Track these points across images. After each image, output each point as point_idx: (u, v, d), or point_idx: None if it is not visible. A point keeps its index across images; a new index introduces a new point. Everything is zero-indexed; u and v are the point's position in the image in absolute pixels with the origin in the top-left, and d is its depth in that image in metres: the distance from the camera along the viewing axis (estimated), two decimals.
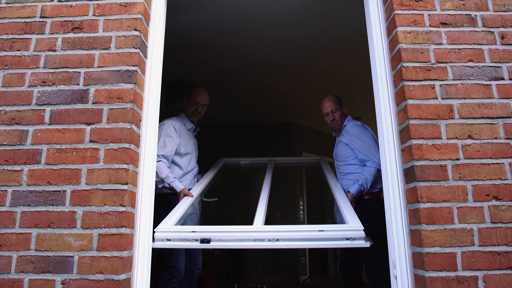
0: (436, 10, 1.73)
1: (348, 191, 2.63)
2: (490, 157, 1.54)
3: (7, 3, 1.78)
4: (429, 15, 1.72)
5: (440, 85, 1.63)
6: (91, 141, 1.57)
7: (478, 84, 1.63)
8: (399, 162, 1.67)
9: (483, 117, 1.59)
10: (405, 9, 1.72)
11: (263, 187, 2.60)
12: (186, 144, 2.72)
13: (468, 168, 1.53)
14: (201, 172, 3.00)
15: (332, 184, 2.86)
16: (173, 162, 2.62)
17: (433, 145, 1.56)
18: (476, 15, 1.72)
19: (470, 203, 1.50)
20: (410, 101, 1.61)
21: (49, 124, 1.60)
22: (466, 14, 1.72)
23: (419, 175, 1.52)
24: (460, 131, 1.58)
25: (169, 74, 3.84)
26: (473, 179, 1.52)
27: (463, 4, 1.74)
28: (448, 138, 1.57)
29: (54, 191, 1.52)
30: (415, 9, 1.72)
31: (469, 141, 1.57)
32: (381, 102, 1.78)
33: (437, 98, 1.61)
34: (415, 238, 1.52)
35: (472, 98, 1.62)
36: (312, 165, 3.92)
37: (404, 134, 1.63)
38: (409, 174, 1.59)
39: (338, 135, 2.97)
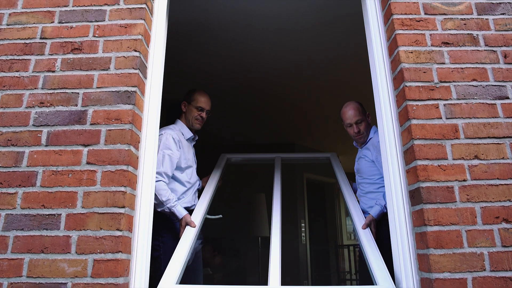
0: (437, 29, 1.72)
1: (369, 214, 2.32)
2: (498, 178, 1.50)
3: (8, 25, 1.78)
4: (430, 34, 1.71)
5: (444, 105, 1.60)
6: (88, 163, 1.53)
7: (482, 103, 1.61)
8: (404, 183, 1.62)
9: (489, 137, 1.56)
10: (406, 29, 1.72)
11: (273, 221, 2.32)
12: (187, 156, 2.46)
13: (475, 190, 1.49)
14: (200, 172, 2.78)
15: (347, 197, 2.61)
16: (172, 177, 2.37)
17: (439, 166, 1.52)
18: (477, 35, 1.71)
19: (479, 226, 1.45)
20: (414, 121, 1.58)
21: (46, 145, 1.57)
22: (468, 34, 1.71)
23: (425, 197, 1.48)
24: (466, 152, 1.54)
25: (173, 93, 3.82)
26: (482, 201, 1.48)
27: (464, 24, 1.73)
28: (454, 159, 1.53)
29: (48, 214, 1.47)
30: (416, 29, 1.72)
31: (475, 162, 1.53)
32: (384, 122, 1.75)
33: (441, 118, 1.58)
34: (423, 263, 1.45)
35: (477, 118, 1.59)
36: (322, 162, 3.49)
37: (409, 154, 1.59)
38: (415, 196, 1.54)
39: (362, 148, 2.63)
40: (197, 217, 2.27)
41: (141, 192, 1.61)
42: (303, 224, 6.01)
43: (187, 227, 2.15)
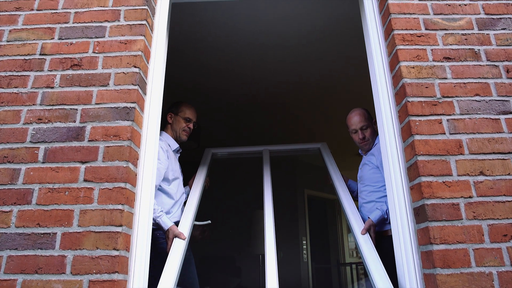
0: (438, 45, 1.71)
1: (368, 217, 2.22)
2: (504, 195, 1.46)
3: (8, 41, 1.78)
4: (432, 50, 1.70)
5: (448, 120, 1.58)
6: (85, 180, 1.50)
7: (486, 118, 1.58)
8: (408, 200, 1.59)
9: (494, 153, 1.53)
10: (407, 44, 1.71)
11: (266, 228, 2.30)
12: (174, 168, 2.41)
13: (482, 207, 1.45)
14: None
15: (340, 192, 2.49)
16: (160, 189, 2.27)
17: (444, 182, 1.49)
18: (479, 49, 1.71)
19: (487, 245, 1.40)
20: (417, 137, 1.55)
21: (43, 162, 1.54)
22: (469, 49, 1.71)
23: (430, 215, 1.44)
24: (471, 167, 1.51)
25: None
26: (488, 218, 1.44)
27: (465, 39, 1.73)
28: (459, 175, 1.50)
29: (43, 233, 1.43)
30: (417, 44, 1.71)
31: (481, 178, 1.49)
32: (387, 138, 1.73)
33: (445, 134, 1.56)
34: (430, 283, 1.40)
35: (481, 133, 1.56)
36: (312, 153, 3.36)
37: (412, 171, 1.56)
38: (419, 214, 1.50)
39: (366, 154, 2.55)
40: (185, 227, 2.14)
41: (139, 210, 1.57)
42: (304, 242, 5.92)
43: (176, 240, 2.03)
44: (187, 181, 2.71)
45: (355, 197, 2.64)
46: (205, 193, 2.66)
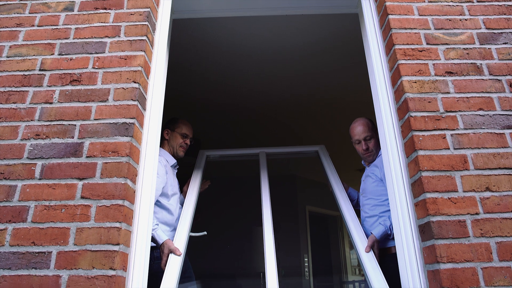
0: (440, 59, 1.70)
1: (371, 233, 2.14)
2: None
3: (7, 57, 1.77)
4: (433, 64, 1.69)
5: (451, 135, 1.55)
6: (82, 197, 1.47)
7: (491, 133, 1.56)
8: (413, 217, 1.55)
9: (500, 168, 1.50)
10: (409, 59, 1.70)
11: (265, 226, 2.19)
12: (172, 183, 2.38)
13: (489, 224, 1.41)
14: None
15: (342, 205, 2.39)
16: (159, 205, 2.21)
17: (449, 198, 1.45)
18: (481, 64, 1.69)
19: (495, 263, 1.36)
20: (421, 152, 1.52)
21: (39, 179, 1.51)
22: (471, 63, 1.69)
23: (436, 232, 1.40)
24: (477, 183, 1.47)
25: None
26: (496, 236, 1.39)
27: (467, 54, 1.72)
28: (464, 191, 1.46)
29: (38, 252, 1.39)
30: (419, 59, 1.70)
31: (487, 194, 1.46)
32: (390, 154, 1.70)
33: (449, 149, 1.53)
34: None
35: (486, 148, 1.53)
36: (310, 156, 3.22)
37: (417, 187, 1.52)
38: (425, 231, 1.46)
39: (369, 165, 2.47)
40: (181, 240, 2.06)
41: (137, 228, 1.53)
42: (306, 259, 5.82)
43: (171, 256, 1.96)
44: (181, 186, 2.66)
45: (354, 206, 2.57)
46: (200, 201, 2.58)
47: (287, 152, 3.38)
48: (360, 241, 2.11)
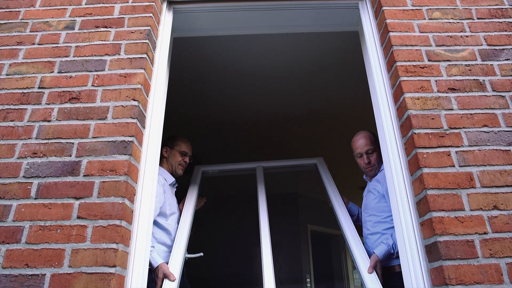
0: (442, 76, 1.69)
1: (373, 252, 2.07)
2: None
3: (7, 75, 1.76)
4: (436, 81, 1.67)
5: (456, 152, 1.52)
6: (78, 217, 1.43)
7: (496, 150, 1.53)
8: (419, 237, 1.50)
9: (507, 185, 1.46)
10: (411, 76, 1.68)
11: (263, 246, 2.13)
12: (171, 202, 2.31)
13: (498, 244, 1.36)
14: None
15: (343, 221, 2.32)
16: (157, 225, 2.15)
17: (456, 217, 1.41)
18: (484, 80, 1.68)
19: (506, 285, 1.30)
20: (425, 170, 1.49)
21: (35, 198, 1.47)
22: (474, 79, 1.68)
23: (444, 253, 1.35)
24: (484, 201, 1.43)
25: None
26: (506, 256, 1.34)
27: (469, 70, 1.70)
28: (471, 210, 1.42)
29: (32, 275, 1.34)
30: (421, 76, 1.68)
31: (495, 212, 1.42)
32: (393, 172, 1.67)
33: (454, 166, 1.50)
34: None
35: (492, 165, 1.50)
36: (308, 169, 3.13)
37: (422, 206, 1.48)
38: (432, 252, 1.41)
39: (371, 180, 2.41)
40: (176, 264, 1.98)
41: (135, 249, 1.48)
42: (308, 279, 5.69)
43: (166, 282, 1.88)
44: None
45: (355, 221, 2.52)
46: (196, 220, 2.52)
47: (285, 166, 3.30)
48: (362, 261, 2.05)
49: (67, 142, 1.58)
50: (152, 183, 1.67)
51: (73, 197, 1.47)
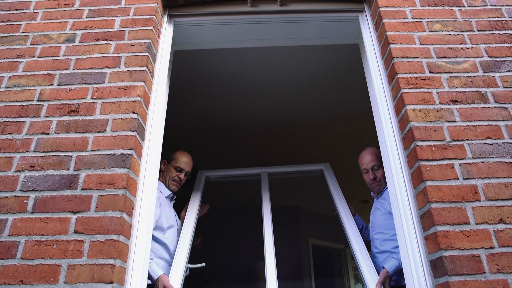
0: (444, 87, 1.67)
1: (383, 267, 2.02)
2: None
3: (6, 87, 1.76)
4: (437, 92, 1.66)
5: (460, 164, 1.50)
6: (75, 232, 1.40)
7: (500, 162, 1.50)
8: (424, 252, 1.46)
9: None
10: (412, 88, 1.67)
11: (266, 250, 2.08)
12: (168, 215, 2.24)
13: (506, 258, 1.33)
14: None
15: (350, 235, 2.24)
16: (154, 239, 2.09)
17: (461, 231, 1.38)
18: (486, 92, 1.66)
19: None
20: (429, 183, 1.46)
21: (32, 212, 1.44)
22: (476, 91, 1.67)
23: (450, 268, 1.31)
24: (490, 215, 1.40)
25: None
26: None
27: (471, 81, 1.69)
28: (477, 223, 1.39)
29: None
30: (422, 87, 1.67)
31: (501, 226, 1.39)
32: (396, 185, 1.64)
33: (458, 179, 1.47)
34: None
35: (497, 178, 1.47)
36: (314, 175, 3.04)
37: (426, 219, 1.45)
38: (437, 267, 1.37)
39: (378, 197, 2.40)
40: (177, 275, 1.92)
41: (133, 265, 1.45)
42: None
43: None
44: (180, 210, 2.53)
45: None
46: (199, 229, 2.45)
47: (290, 172, 3.19)
48: (369, 275, 1.98)
49: (65, 155, 1.56)
50: (151, 197, 1.65)
51: (70, 211, 1.44)
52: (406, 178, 1.61)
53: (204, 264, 2.20)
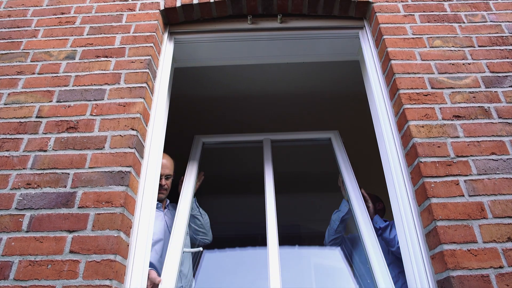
0: (446, 103, 1.66)
1: None
2: None
3: (5, 104, 1.74)
4: (440, 108, 1.64)
5: (465, 181, 1.47)
6: (71, 251, 1.36)
7: (506, 178, 1.47)
8: (430, 272, 1.42)
9: None
10: (414, 103, 1.66)
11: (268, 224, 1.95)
12: (156, 230, 2.07)
13: None
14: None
15: (357, 211, 2.06)
16: None
17: (469, 250, 1.34)
18: (489, 107, 1.65)
19: None
20: (434, 200, 1.43)
21: (26, 231, 1.40)
22: (479, 107, 1.65)
23: None
24: (497, 233, 1.36)
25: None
26: None
27: (474, 97, 1.68)
28: (484, 242, 1.35)
29: None
30: (425, 103, 1.66)
31: (510, 245, 1.34)
32: (400, 202, 1.61)
33: (463, 196, 1.44)
34: None
35: (503, 194, 1.44)
36: (321, 143, 2.73)
37: (432, 238, 1.41)
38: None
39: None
40: (174, 262, 1.77)
41: (130, 286, 1.40)
42: None
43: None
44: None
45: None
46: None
47: (295, 139, 2.86)
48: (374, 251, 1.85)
49: (62, 173, 1.54)
50: (149, 216, 1.61)
51: (66, 230, 1.40)
52: (410, 195, 1.58)
53: (201, 249, 2.11)
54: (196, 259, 2.33)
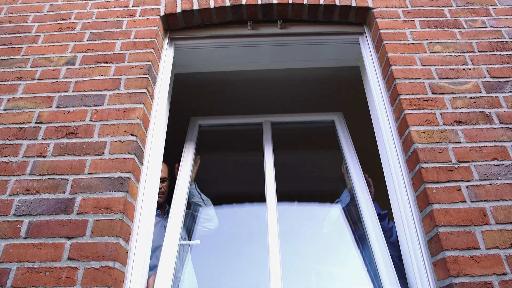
0: (447, 108, 1.65)
1: None
2: None
3: (4, 110, 1.74)
4: (441, 113, 1.63)
5: (467, 187, 1.46)
6: (69, 258, 1.34)
7: (508, 184, 1.46)
8: (432, 280, 1.40)
9: None
10: (415, 109, 1.65)
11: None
12: (155, 236, 1.94)
13: None
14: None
15: (361, 198, 1.94)
16: None
17: (471, 256, 1.32)
18: (490, 112, 1.64)
19: None
20: (435, 206, 1.41)
21: (25, 238, 1.39)
22: (480, 112, 1.64)
23: None
24: (500, 239, 1.35)
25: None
26: None
27: (475, 102, 1.67)
28: (487, 248, 1.34)
29: None
30: (425, 108, 1.65)
31: None
32: (401, 209, 1.59)
33: (465, 201, 1.43)
34: None
35: (506, 200, 1.43)
36: (325, 125, 2.59)
37: (434, 244, 1.40)
38: None
39: None
40: (171, 253, 1.73)
41: None
42: None
43: None
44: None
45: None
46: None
47: (297, 121, 2.70)
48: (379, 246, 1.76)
49: (61, 178, 1.53)
50: (149, 222, 1.60)
51: (64, 236, 1.39)
52: (412, 201, 1.57)
53: (199, 241, 2.07)
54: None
